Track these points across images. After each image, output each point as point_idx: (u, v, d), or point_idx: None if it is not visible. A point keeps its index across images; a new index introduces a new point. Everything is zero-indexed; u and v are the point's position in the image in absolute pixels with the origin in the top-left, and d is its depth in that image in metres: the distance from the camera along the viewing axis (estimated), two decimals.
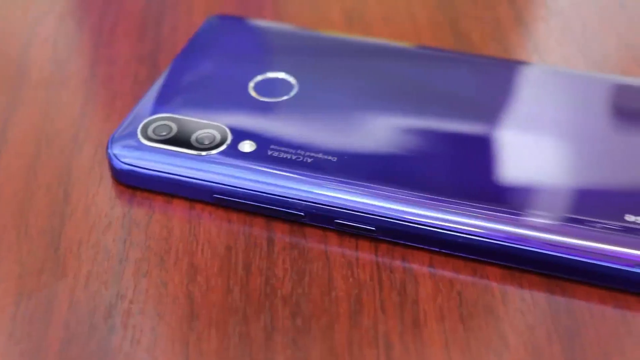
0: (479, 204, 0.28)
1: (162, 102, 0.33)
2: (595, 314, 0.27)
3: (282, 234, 0.30)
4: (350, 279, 0.28)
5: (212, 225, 0.30)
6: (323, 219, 0.29)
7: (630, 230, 0.28)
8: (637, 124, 0.32)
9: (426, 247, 0.29)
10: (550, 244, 0.28)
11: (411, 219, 0.28)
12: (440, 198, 0.28)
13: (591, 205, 0.29)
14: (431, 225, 0.28)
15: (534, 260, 0.28)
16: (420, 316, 0.27)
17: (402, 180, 0.29)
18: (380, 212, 0.29)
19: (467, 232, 0.28)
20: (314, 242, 0.29)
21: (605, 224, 0.28)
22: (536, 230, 0.28)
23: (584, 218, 0.28)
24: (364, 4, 0.41)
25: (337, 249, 0.29)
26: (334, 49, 0.36)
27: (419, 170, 0.30)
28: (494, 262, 0.28)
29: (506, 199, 0.29)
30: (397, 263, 0.29)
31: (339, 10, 0.41)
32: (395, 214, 0.29)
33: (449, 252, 0.29)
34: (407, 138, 0.31)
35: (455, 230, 0.28)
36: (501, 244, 0.28)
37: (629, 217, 0.28)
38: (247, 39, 0.36)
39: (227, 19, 0.38)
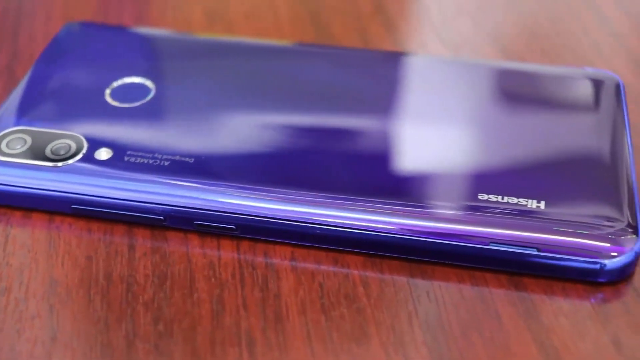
0: (334, 194, 0.29)
1: (16, 114, 0.32)
2: (453, 293, 0.28)
3: (143, 239, 0.30)
4: (213, 279, 0.28)
5: (72, 236, 0.30)
6: (183, 221, 0.29)
7: (483, 208, 0.28)
8: (499, 107, 0.33)
9: (287, 241, 0.29)
10: (407, 229, 0.28)
11: (270, 215, 0.29)
12: (296, 192, 0.29)
13: (446, 188, 0.29)
14: (289, 219, 0.28)
15: (393, 246, 0.28)
16: (283, 310, 0.27)
17: (259, 177, 0.29)
18: (239, 210, 0.29)
19: (325, 224, 0.28)
20: (175, 245, 0.29)
21: (459, 204, 0.28)
22: (393, 217, 0.28)
23: (439, 201, 0.28)
24: (225, 3, 0.41)
25: (198, 250, 0.29)
26: (194, 50, 0.36)
27: (275, 165, 0.30)
28: (354, 250, 0.29)
29: (360, 188, 0.29)
30: (259, 259, 0.29)
31: (201, 11, 0.41)
32: (254, 211, 0.29)
33: (309, 244, 0.29)
34: (264, 135, 0.31)
35: (313, 222, 0.28)
36: (358, 232, 0.28)
37: (482, 196, 0.29)
38: (105, 45, 0.36)
39: (85, 25, 0.37)
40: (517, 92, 0.33)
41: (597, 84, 0.34)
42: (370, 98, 0.33)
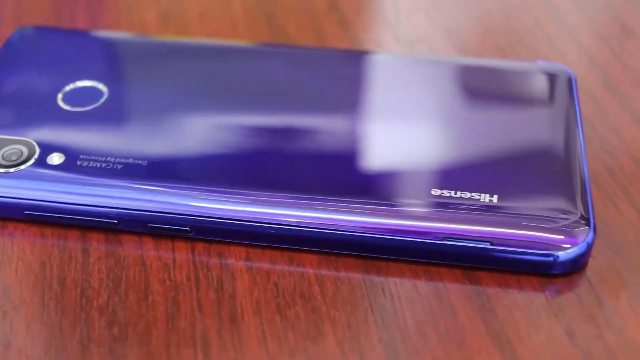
0: (288, 194, 0.29)
1: None
2: (409, 289, 0.28)
3: (97, 243, 0.29)
4: (167, 282, 0.28)
5: (26, 242, 0.29)
6: (137, 224, 0.29)
7: (436, 204, 0.28)
8: (452, 102, 0.33)
9: (241, 241, 0.29)
10: (361, 226, 0.28)
11: (223, 216, 0.28)
12: (249, 192, 0.29)
13: (399, 184, 0.29)
14: (243, 219, 0.28)
15: (348, 244, 0.28)
16: (238, 311, 0.27)
17: (212, 179, 0.29)
18: (193, 212, 0.29)
19: (279, 223, 0.28)
20: (130, 248, 0.29)
21: (413, 201, 0.28)
22: (346, 214, 0.28)
23: (392, 197, 0.29)
24: (179, 4, 0.41)
25: (153, 252, 0.29)
26: (149, 53, 0.35)
27: (228, 167, 0.30)
28: (309, 249, 0.29)
29: (313, 186, 0.29)
30: (214, 260, 0.29)
31: (155, 12, 0.40)
32: (208, 212, 0.29)
33: (264, 244, 0.29)
34: (217, 136, 0.31)
35: (267, 222, 0.28)
36: (313, 231, 0.28)
37: (435, 192, 0.29)
38: (57, 49, 0.35)
39: (38, 29, 0.37)
40: (470, 87, 0.34)
41: (550, 77, 0.34)
42: (323, 96, 0.33)
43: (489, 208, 0.28)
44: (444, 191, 0.29)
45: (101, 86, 0.33)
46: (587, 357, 0.26)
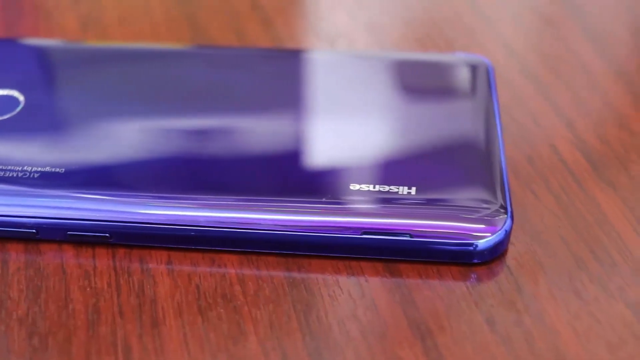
0: (205, 195, 0.29)
1: None
2: (330, 285, 0.28)
3: (16, 254, 0.29)
4: (88, 289, 0.28)
5: None
6: (55, 232, 0.29)
7: (355, 199, 0.29)
8: (371, 96, 0.33)
9: (162, 245, 0.29)
10: (281, 224, 0.28)
11: (142, 220, 0.28)
12: (166, 195, 0.29)
13: (318, 180, 0.29)
14: (162, 223, 0.28)
15: (268, 242, 0.28)
16: (159, 315, 0.27)
17: (129, 184, 0.29)
18: (111, 218, 0.28)
19: (198, 225, 0.28)
20: (49, 257, 0.29)
21: (331, 196, 0.29)
22: (265, 213, 0.28)
23: (311, 194, 0.29)
24: (99, 8, 0.41)
25: (74, 260, 0.29)
26: (67, 59, 0.35)
27: (145, 170, 0.30)
28: (231, 250, 0.29)
29: (231, 187, 0.29)
30: (135, 265, 0.29)
31: (74, 18, 0.40)
32: (126, 217, 0.28)
33: (185, 247, 0.29)
34: (133, 140, 0.31)
35: (186, 224, 0.28)
36: (232, 231, 0.28)
37: (354, 187, 0.29)
38: None
39: None
40: (390, 81, 0.34)
41: (468, 68, 0.34)
42: (242, 96, 0.33)
43: (407, 201, 0.29)
44: (362, 186, 0.29)
45: (17, 94, 0.33)
46: (506, 343, 0.26)
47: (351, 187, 0.29)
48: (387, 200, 0.28)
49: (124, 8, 0.41)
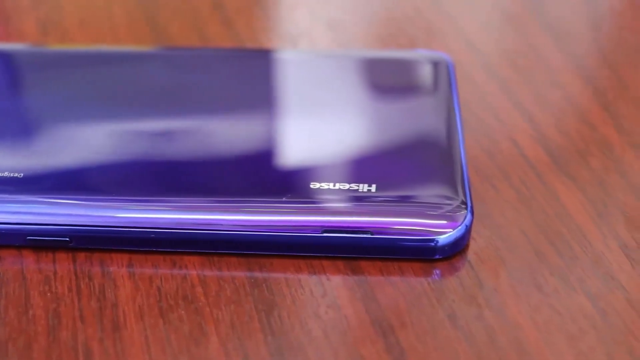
0: (165, 197, 0.28)
1: None
2: (292, 284, 0.28)
3: None
4: (48, 294, 0.28)
5: None
6: (15, 237, 0.29)
7: (315, 197, 0.29)
8: (331, 95, 0.33)
9: (123, 248, 0.29)
10: (241, 224, 0.28)
11: (101, 223, 0.28)
12: (125, 198, 0.28)
13: (278, 180, 0.29)
14: (121, 225, 0.28)
15: (228, 243, 0.28)
16: (120, 318, 0.27)
17: (88, 186, 0.29)
18: (70, 222, 0.28)
19: (157, 227, 0.28)
20: (9, 263, 0.29)
21: (291, 196, 0.29)
22: (225, 213, 0.28)
23: (271, 193, 0.29)
24: (59, 11, 0.40)
25: (34, 266, 0.29)
26: (25, 62, 0.35)
27: (102, 173, 0.30)
28: (192, 251, 0.29)
29: (190, 187, 0.29)
30: (96, 269, 0.28)
31: (34, 20, 0.40)
32: (85, 221, 0.28)
33: (146, 249, 0.29)
34: (91, 143, 0.31)
35: (145, 226, 0.28)
36: (192, 233, 0.28)
37: (314, 185, 0.29)
38: None
39: None
40: (350, 79, 0.34)
41: (428, 65, 0.34)
42: (203, 97, 0.33)
43: (367, 198, 0.29)
44: (323, 184, 0.29)
45: None
46: (468, 338, 0.27)
47: (311, 186, 0.29)
48: (347, 198, 0.29)
49: (84, 11, 0.40)
